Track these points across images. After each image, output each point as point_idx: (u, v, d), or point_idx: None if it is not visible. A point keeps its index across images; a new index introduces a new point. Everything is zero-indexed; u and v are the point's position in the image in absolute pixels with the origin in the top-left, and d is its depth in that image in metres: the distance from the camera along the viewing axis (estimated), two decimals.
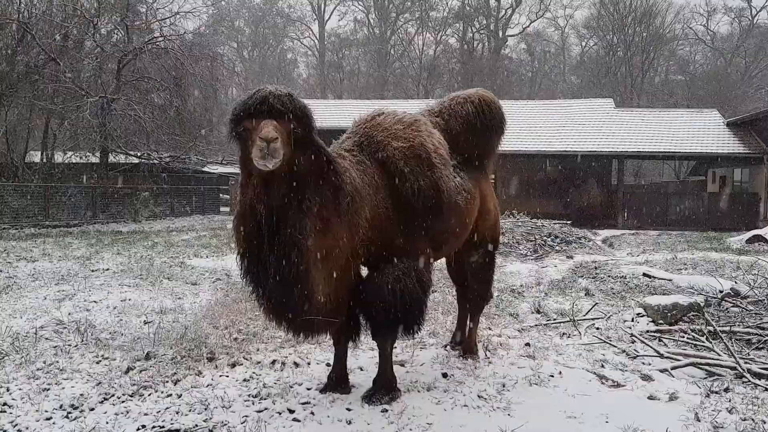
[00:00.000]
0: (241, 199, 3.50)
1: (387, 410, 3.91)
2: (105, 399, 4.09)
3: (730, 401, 4.16)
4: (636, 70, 52.46)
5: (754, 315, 6.29)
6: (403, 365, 4.90)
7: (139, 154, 24.79)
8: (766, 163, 23.44)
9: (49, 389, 4.25)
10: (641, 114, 28.46)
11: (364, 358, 5.04)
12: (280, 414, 3.87)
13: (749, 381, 4.56)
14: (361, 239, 3.79)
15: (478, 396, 4.20)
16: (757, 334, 5.67)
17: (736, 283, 7.74)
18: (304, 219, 3.43)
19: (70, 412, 3.88)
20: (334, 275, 3.71)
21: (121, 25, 24.23)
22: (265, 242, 3.40)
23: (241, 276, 3.65)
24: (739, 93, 46.75)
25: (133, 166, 25.23)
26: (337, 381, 4.28)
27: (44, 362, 4.82)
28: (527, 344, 5.60)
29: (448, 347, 5.42)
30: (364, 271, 4.14)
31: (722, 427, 3.72)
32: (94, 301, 7.25)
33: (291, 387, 4.35)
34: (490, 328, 6.24)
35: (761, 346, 5.49)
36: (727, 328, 5.76)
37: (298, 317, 3.64)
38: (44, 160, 23.00)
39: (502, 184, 26.13)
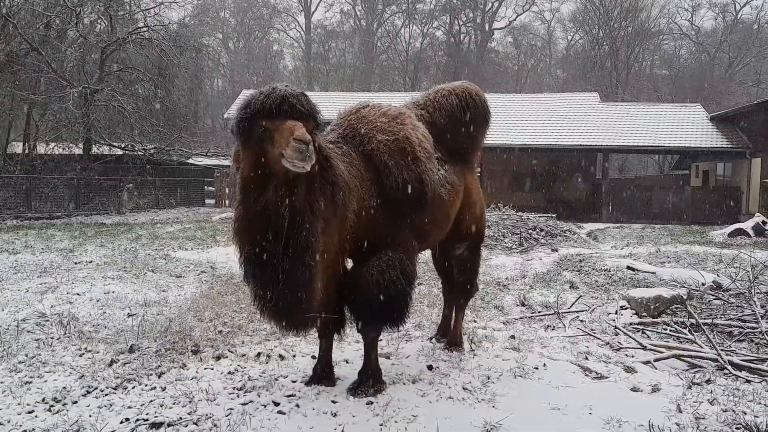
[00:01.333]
0: (249, 200, 3.39)
1: (372, 402, 3.92)
2: (88, 392, 4.06)
3: (711, 392, 4.21)
4: (621, 65, 52.74)
5: (735, 307, 6.36)
6: (388, 357, 4.91)
7: (123, 146, 24.55)
8: (748, 157, 23.69)
9: (31, 382, 4.21)
10: (626, 108, 28.62)
11: (349, 351, 5.04)
12: (265, 407, 3.86)
13: (730, 373, 4.61)
14: (347, 232, 3.79)
15: (463, 388, 4.22)
16: (738, 326, 5.74)
17: (718, 276, 7.83)
18: (316, 219, 3.44)
19: (52, 406, 3.84)
20: (327, 270, 3.74)
21: (104, 14, 23.93)
22: (280, 244, 3.36)
23: (245, 280, 3.60)
24: (723, 88, 47.16)
25: (116, 158, 25.00)
26: (323, 373, 4.28)
27: (26, 355, 4.77)
28: (512, 336, 5.63)
29: (434, 340, 5.43)
30: (349, 264, 4.13)
31: (704, 418, 3.76)
32: (77, 294, 7.18)
33: (276, 379, 4.34)
34: (475, 321, 6.27)
35: (742, 338, 5.56)
36: (710, 321, 5.83)
37: (302, 315, 3.63)
38: (26, 151, 22.72)
39: (488, 177, 26.20)
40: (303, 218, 3.37)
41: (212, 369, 4.58)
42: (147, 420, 3.62)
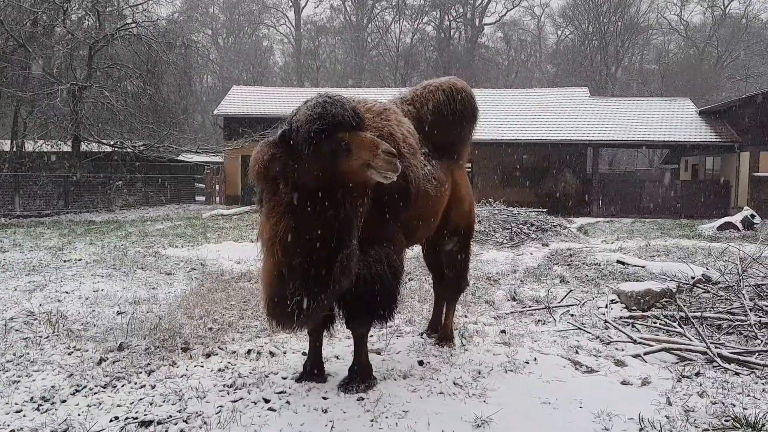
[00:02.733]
0: (305, 212, 3.42)
1: (363, 398, 3.92)
2: (77, 391, 4.03)
3: (700, 385, 4.24)
4: (611, 59, 52.92)
5: (724, 300, 6.40)
6: (379, 353, 4.91)
7: (112, 143, 24.41)
8: (737, 151, 23.83)
9: (19, 381, 4.18)
10: (616, 103, 28.73)
11: (340, 347, 5.03)
12: (255, 404, 3.85)
13: (719, 365, 4.63)
14: None
15: (454, 383, 4.22)
16: (727, 319, 5.77)
17: (707, 269, 7.86)
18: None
19: (41, 405, 3.81)
20: None
21: (92, 10, 23.74)
22: (341, 254, 3.50)
23: (284, 291, 3.54)
24: (712, 82, 47.42)
25: (106, 155, 24.85)
26: (313, 370, 4.27)
27: (14, 354, 4.74)
28: (503, 331, 5.64)
29: (424, 335, 5.43)
30: None
31: (693, 411, 3.78)
32: (66, 292, 7.13)
33: (266, 376, 4.32)
34: (466, 316, 6.27)
35: (731, 330, 5.59)
36: (699, 314, 5.85)
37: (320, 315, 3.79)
38: (14, 149, 22.54)
39: (478, 172, 26.24)
40: (358, 225, 3.58)
41: (202, 366, 4.56)
42: (136, 418, 3.60)
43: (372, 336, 4.85)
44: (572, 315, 6.39)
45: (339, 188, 3.43)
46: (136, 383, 4.17)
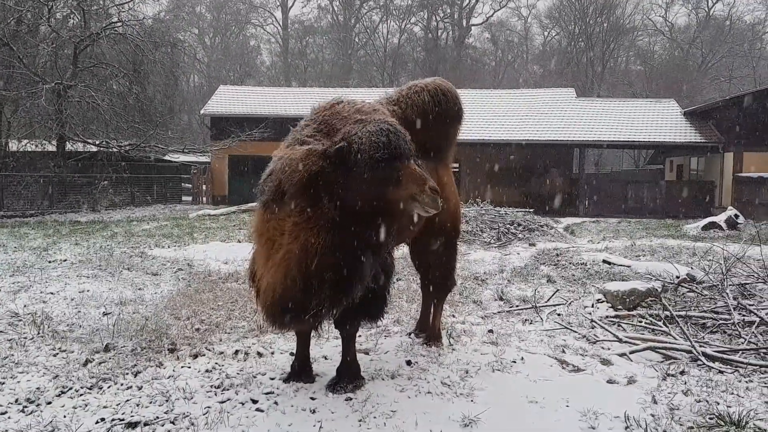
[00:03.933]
0: (348, 226, 3.46)
1: (351, 398, 3.92)
2: (62, 392, 4.00)
3: (685, 384, 4.28)
4: (597, 60, 53.24)
5: (709, 300, 6.46)
6: (367, 353, 4.91)
7: (97, 143, 24.18)
8: (721, 151, 24.06)
9: (3, 383, 4.14)
10: (602, 104, 28.91)
11: (328, 347, 5.03)
12: (243, 404, 3.84)
13: (704, 364, 4.68)
14: None
15: (442, 383, 4.24)
16: (711, 318, 5.83)
17: (692, 269, 7.93)
18: None
19: (26, 407, 3.78)
20: None
21: (77, 9, 23.49)
22: (369, 269, 3.64)
23: (309, 297, 3.54)
24: (696, 83, 47.82)
25: (91, 155, 24.61)
26: (301, 370, 4.27)
27: None
28: (490, 331, 5.66)
29: (412, 335, 5.44)
30: None
31: (678, 409, 3.82)
32: (51, 293, 7.08)
33: (254, 377, 4.31)
34: (453, 316, 6.29)
35: (715, 329, 5.65)
36: (683, 313, 5.91)
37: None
38: None
39: (466, 172, 26.31)
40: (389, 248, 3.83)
41: (189, 367, 4.54)
42: (123, 420, 3.58)
43: (360, 336, 4.85)
44: (559, 314, 6.43)
45: (379, 212, 3.50)
46: (122, 384, 4.15)
